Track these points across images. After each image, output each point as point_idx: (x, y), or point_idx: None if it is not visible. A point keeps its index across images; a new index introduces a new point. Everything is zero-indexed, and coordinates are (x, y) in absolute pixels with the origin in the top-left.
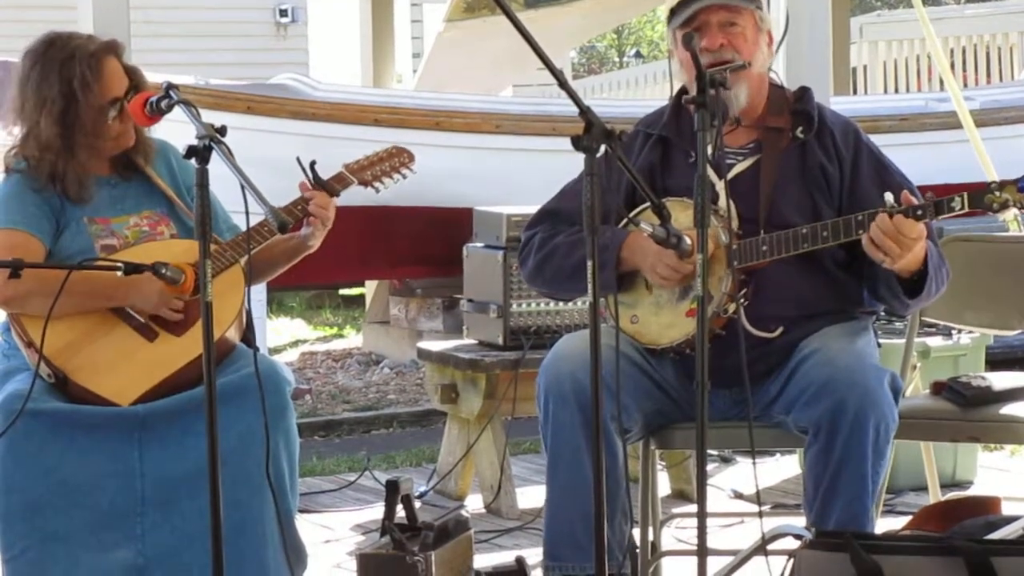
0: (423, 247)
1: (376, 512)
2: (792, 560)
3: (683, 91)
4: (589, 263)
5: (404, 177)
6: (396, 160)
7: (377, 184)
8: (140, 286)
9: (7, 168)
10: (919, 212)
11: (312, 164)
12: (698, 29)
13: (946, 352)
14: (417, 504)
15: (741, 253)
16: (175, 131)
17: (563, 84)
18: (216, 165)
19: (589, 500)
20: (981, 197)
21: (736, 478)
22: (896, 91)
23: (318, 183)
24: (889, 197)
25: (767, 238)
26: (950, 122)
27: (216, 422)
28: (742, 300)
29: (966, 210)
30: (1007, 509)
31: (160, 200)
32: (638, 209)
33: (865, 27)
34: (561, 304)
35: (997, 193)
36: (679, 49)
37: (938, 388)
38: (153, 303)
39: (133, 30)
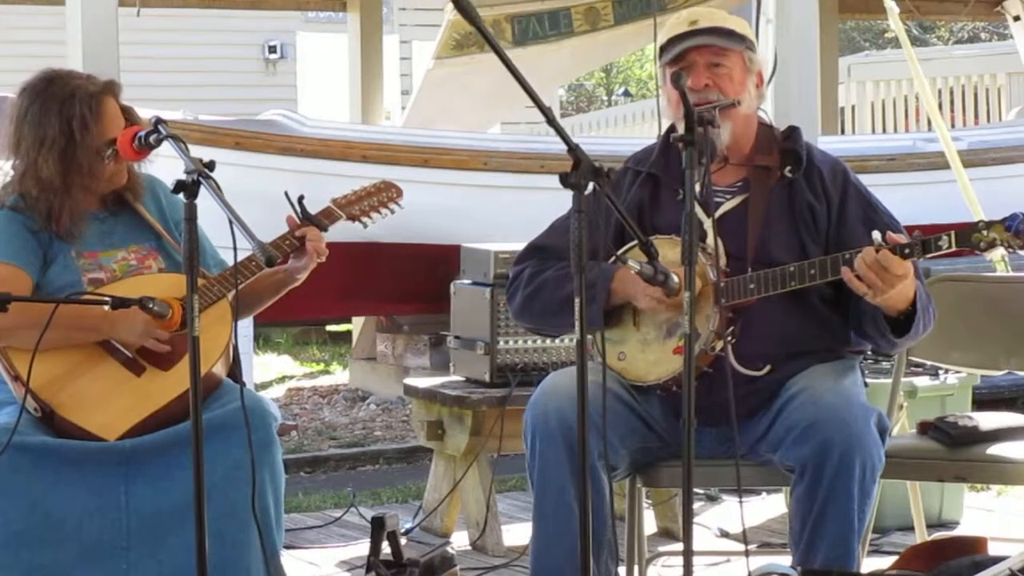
0: (410, 283)
1: (362, 548)
2: None
3: (672, 129)
4: (577, 300)
5: (392, 212)
6: (384, 195)
7: (365, 219)
8: (126, 317)
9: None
10: (907, 250)
11: (300, 199)
12: (686, 68)
13: (933, 392)
14: (403, 541)
15: (729, 291)
16: (164, 166)
17: (551, 121)
18: (204, 200)
19: (575, 538)
20: (968, 236)
21: (722, 516)
22: (884, 131)
23: (306, 218)
24: (877, 235)
25: (755, 276)
26: (938, 162)
27: (202, 457)
28: (729, 338)
29: (953, 249)
30: (993, 549)
31: (148, 234)
32: (626, 247)
33: (853, 67)
34: (548, 341)
35: (984, 232)
36: (667, 86)
37: (925, 428)
38: (138, 333)
39: (122, 65)
